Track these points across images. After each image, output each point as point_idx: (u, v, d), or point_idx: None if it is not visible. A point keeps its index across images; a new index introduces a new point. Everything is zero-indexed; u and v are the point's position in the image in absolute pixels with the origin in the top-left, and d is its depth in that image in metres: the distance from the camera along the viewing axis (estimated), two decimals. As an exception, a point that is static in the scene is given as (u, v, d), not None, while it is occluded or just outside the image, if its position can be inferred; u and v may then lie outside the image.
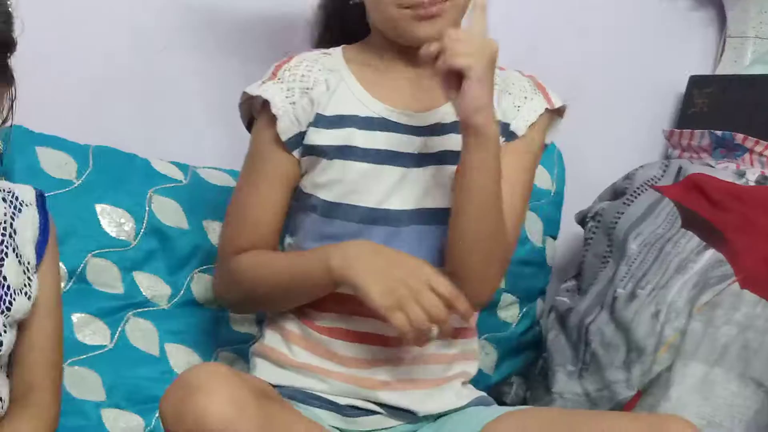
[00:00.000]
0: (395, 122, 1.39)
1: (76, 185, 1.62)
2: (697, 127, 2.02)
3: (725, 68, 2.24)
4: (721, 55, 2.28)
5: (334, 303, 1.37)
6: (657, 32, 2.30)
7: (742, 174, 1.77)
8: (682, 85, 2.22)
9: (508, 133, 1.43)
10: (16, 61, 1.29)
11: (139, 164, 1.70)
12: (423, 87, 1.40)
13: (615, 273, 1.77)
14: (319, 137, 1.38)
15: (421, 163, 1.39)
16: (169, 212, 1.67)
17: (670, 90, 2.27)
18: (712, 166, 1.87)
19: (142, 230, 1.64)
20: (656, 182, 1.85)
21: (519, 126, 1.44)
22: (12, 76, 1.28)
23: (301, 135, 1.39)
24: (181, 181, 1.71)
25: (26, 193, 1.35)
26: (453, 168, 1.37)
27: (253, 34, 1.93)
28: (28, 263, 1.32)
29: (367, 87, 1.41)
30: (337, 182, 1.38)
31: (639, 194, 1.83)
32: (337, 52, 1.46)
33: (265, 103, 1.39)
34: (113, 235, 1.62)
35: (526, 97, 1.46)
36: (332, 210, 1.38)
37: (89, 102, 1.83)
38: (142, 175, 1.68)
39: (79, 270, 1.59)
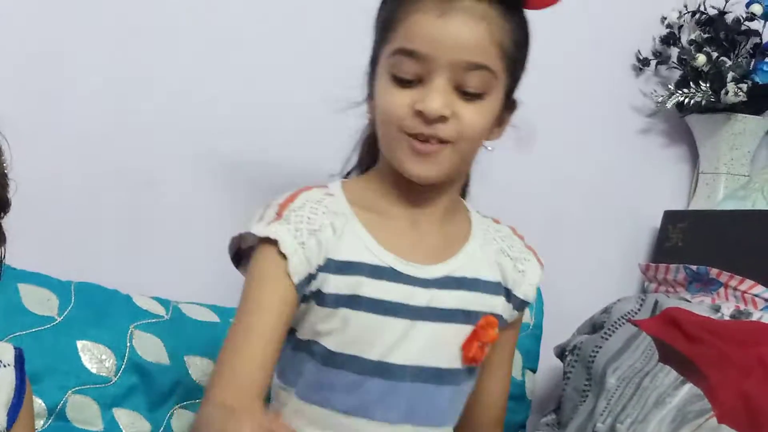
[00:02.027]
0: (404, 273, 1.33)
1: (57, 322, 1.62)
2: (673, 261, 2.05)
3: (698, 203, 2.28)
4: (694, 191, 2.32)
5: None
6: (632, 168, 2.34)
7: (717, 308, 1.79)
8: (657, 219, 2.25)
9: (516, 301, 1.44)
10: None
11: (121, 300, 1.71)
12: (425, 232, 1.37)
13: (594, 407, 1.77)
14: (327, 283, 1.31)
15: (426, 318, 1.34)
16: (150, 348, 1.67)
17: (645, 224, 2.31)
18: (688, 301, 1.88)
19: (123, 366, 1.64)
20: (633, 316, 1.86)
21: (528, 293, 1.45)
22: (4, 236, 1.29)
23: (310, 278, 1.31)
24: (162, 317, 1.72)
25: (5, 352, 1.33)
26: (458, 327, 1.35)
27: (238, 172, 1.97)
28: None
29: (373, 233, 1.34)
30: (340, 331, 1.32)
31: (617, 328, 1.85)
32: (337, 190, 1.39)
33: (272, 241, 1.31)
34: (94, 371, 1.62)
35: (525, 259, 1.45)
36: (333, 359, 1.33)
37: (71, 236, 1.85)
38: (123, 311, 1.69)
39: (58, 407, 1.57)
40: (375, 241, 1.34)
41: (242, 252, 1.41)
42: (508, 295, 1.43)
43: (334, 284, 1.31)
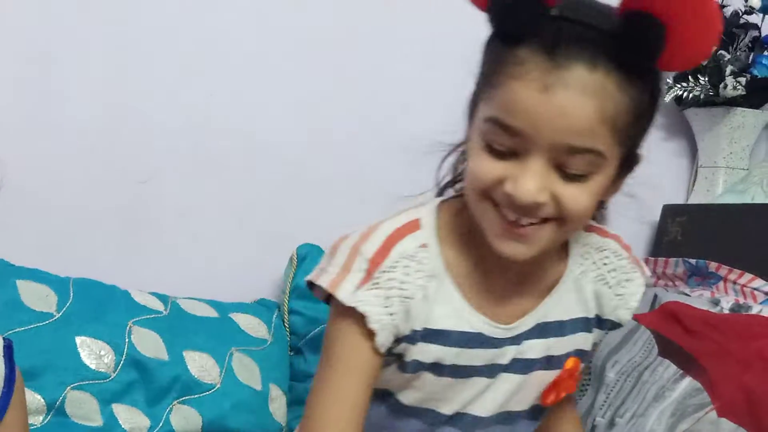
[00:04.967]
0: (491, 337, 1.21)
1: (56, 317, 1.62)
2: (672, 255, 2.04)
3: (698, 197, 2.28)
4: (693, 185, 2.32)
5: None
6: (631, 162, 2.34)
7: (716, 302, 1.79)
8: (657, 213, 2.25)
9: (608, 324, 1.31)
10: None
11: (119, 296, 1.71)
12: (516, 278, 1.22)
13: (594, 401, 1.77)
14: (412, 351, 1.19)
15: (509, 370, 1.23)
16: (149, 343, 1.67)
17: (644, 218, 2.30)
18: (687, 295, 1.89)
19: (122, 362, 1.64)
20: (632, 310, 1.86)
21: (622, 317, 1.31)
22: None
23: (397, 342, 1.19)
24: (161, 312, 1.72)
25: None
26: (541, 374, 1.25)
27: (234, 169, 1.97)
28: None
29: (464, 291, 1.20)
30: (419, 389, 1.22)
31: (616, 322, 1.85)
32: (430, 232, 1.20)
33: (359, 313, 1.16)
34: (92, 367, 1.62)
35: (627, 281, 1.30)
36: (404, 410, 1.24)
37: (70, 233, 1.86)
38: (122, 306, 1.69)
39: (57, 403, 1.58)
40: (469, 306, 1.20)
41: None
42: (599, 322, 1.31)
43: (418, 351, 1.19)
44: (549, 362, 1.25)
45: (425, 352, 1.19)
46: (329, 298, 1.19)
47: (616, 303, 1.29)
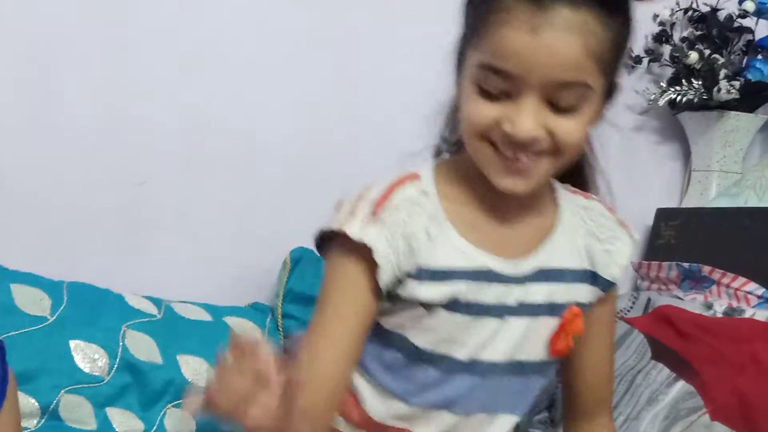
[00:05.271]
0: (499, 273, 1.27)
1: (50, 321, 1.62)
2: (665, 258, 2.05)
3: (691, 201, 2.28)
4: (686, 188, 2.33)
5: None
6: (624, 165, 2.33)
7: (709, 306, 1.79)
8: (650, 217, 2.25)
9: (603, 282, 1.36)
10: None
11: (113, 299, 1.71)
12: (514, 223, 1.30)
13: (587, 405, 1.77)
14: (422, 291, 1.25)
15: (517, 314, 1.29)
16: (143, 347, 1.67)
17: (638, 222, 2.30)
18: (680, 298, 1.89)
19: (116, 365, 1.64)
20: (626, 314, 1.86)
21: (615, 274, 1.36)
22: None
23: (398, 282, 1.25)
24: (155, 316, 1.72)
25: None
26: (546, 320, 1.31)
27: (229, 172, 1.97)
28: None
29: (467, 234, 1.26)
30: (433, 330, 1.27)
31: (609, 326, 1.85)
32: (430, 184, 1.29)
33: (365, 247, 1.22)
34: (86, 370, 1.62)
35: (615, 238, 1.37)
36: (420, 355, 1.28)
37: (64, 236, 1.86)
38: (116, 310, 1.69)
39: (51, 407, 1.58)
40: (469, 243, 1.27)
41: (324, 234, 1.32)
42: (594, 278, 1.36)
43: (430, 291, 1.25)
44: (552, 310, 1.31)
45: (437, 290, 1.24)
46: (325, 249, 1.29)
47: (606, 260, 1.35)
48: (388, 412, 1.33)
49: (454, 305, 1.25)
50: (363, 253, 1.22)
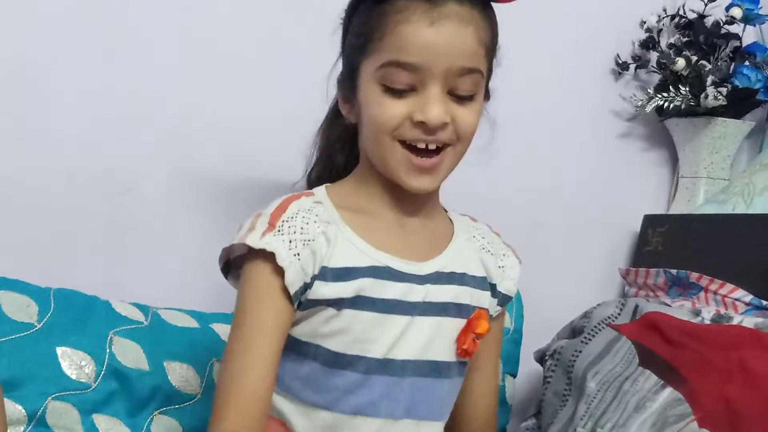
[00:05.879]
0: (400, 271, 1.36)
1: (37, 328, 1.61)
2: (653, 265, 2.05)
3: (679, 207, 2.29)
4: (674, 195, 2.33)
5: None
6: (612, 172, 2.35)
7: (697, 312, 1.79)
8: (637, 223, 2.26)
9: (500, 296, 1.49)
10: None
11: (100, 306, 1.70)
12: (412, 231, 1.41)
13: (574, 412, 1.77)
14: (328, 290, 1.33)
15: (423, 313, 1.38)
16: (130, 354, 1.66)
17: (625, 229, 2.31)
18: (668, 305, 1.89)
19: (103, 372, 1.63)
20: (613, 320, 1.86)
21: (509, 288, 1.51)
22: None
23: (305, 287, 1.33)
24: (142, 323, 1.71)
25: None
26: (453, 320, 1.40)
27: (216, 179, 1.96)
28: None
29: (365, 236, 1.36)
30: (345, 332, 1.34)
31: (597, 332, 1.85)
32: (323, 196, 1.40)
33: (267, 254, 1.32)
34: (73, 377, 1.61)
35: (504, 255, 1.50)
36: (337, 361, 1.34)
37: (50, 243, 1.85)
38: (103, 317, 1.68)
39: (38, 414, 1.57)
40: (368, 244, 1.36)
41: (231, 262, 1.42)
42: (493, 290, 1.48)
43: (335, 289, 1.33)
44: (459, 311, 1.41)
45: (341, 289, 1.32)
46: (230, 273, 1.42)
47: (501, 274, 1.48)
48: (314, 424, 1.37)
49: (359, 302, 1.33)
50: (268, 260, 1.31)
